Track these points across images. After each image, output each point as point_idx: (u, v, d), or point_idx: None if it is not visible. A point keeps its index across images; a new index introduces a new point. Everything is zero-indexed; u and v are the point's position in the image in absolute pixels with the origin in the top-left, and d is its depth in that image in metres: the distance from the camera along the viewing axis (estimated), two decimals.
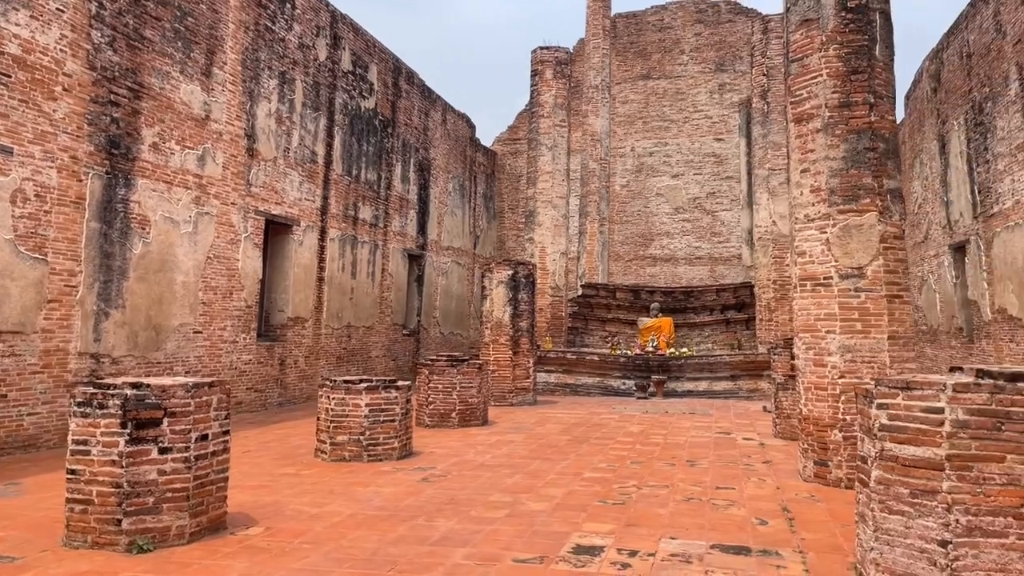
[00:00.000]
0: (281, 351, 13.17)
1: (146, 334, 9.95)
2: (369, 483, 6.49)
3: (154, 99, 10.07)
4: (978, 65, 13.58)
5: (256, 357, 12.39)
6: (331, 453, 7.59)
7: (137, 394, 4.58)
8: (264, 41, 12.51)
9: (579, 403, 13.54)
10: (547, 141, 16.13)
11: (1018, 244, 12.29)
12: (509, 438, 9.17)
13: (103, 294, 9.21)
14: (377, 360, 16.89)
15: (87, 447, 4.55)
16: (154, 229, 10.07)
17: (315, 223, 14.21)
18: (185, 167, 10.67)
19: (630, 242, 25.00)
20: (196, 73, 10.89)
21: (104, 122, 9.23)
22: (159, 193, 10.17)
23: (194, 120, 10.85)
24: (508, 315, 13.14)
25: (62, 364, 8.62)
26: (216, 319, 11.37)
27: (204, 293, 11.10)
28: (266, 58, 12.57)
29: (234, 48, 11.74)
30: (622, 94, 25.17)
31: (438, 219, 20.58)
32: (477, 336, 24.12)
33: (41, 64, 8.33)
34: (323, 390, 7.83)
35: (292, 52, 13.37)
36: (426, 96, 19.74)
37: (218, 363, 11.42)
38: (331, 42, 14.76)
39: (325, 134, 14.57)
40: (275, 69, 12.85)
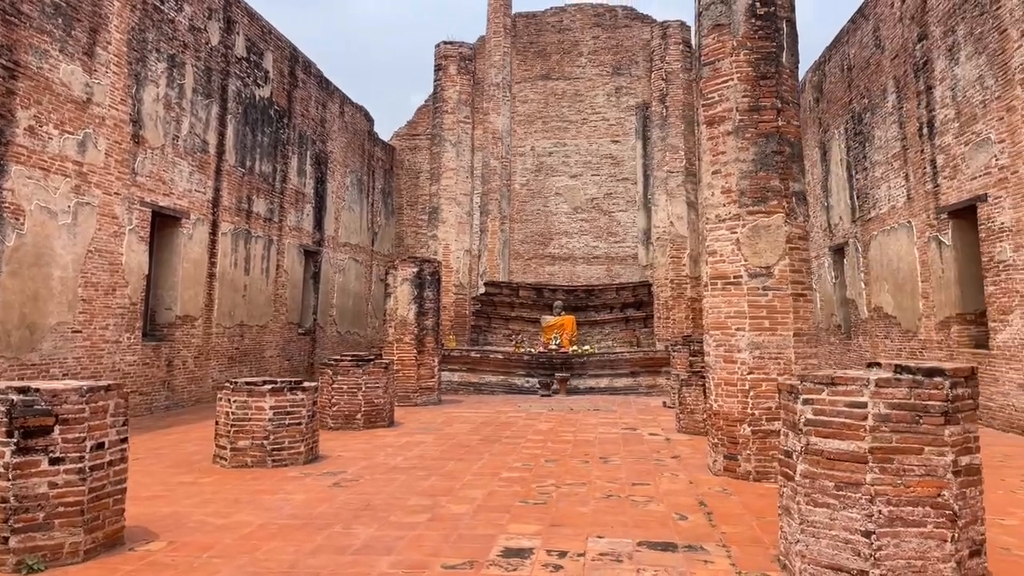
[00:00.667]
0: (168, 351, 12.41)
1: (19, 333, 9.12)
2: (276, 490, 6.17)
3: (31, 79, 9.24)
4: (858, 78, 14.46)
5: (141, 358, 11.61)
6: (232, 459, 7.18)
7: (24, 400, 4.14)
8: (152, 21, 11.74)
9: (484, 402, 13.47)
10: (451, 137, 15.96)
11: (893, 247, 13.17)
12: (419, 439, 8.98)
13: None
14: (271, 360, 16.23)
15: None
16: (29, 220, 9.24)
17: (206, 216, 13.48)
18: (64, 153, 9.85)
19: (530, 241, 25.19)
20: (77, 53, 10.07)
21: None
22: (35, 180, 9.34)
23: (74, 103, 10.04)
24: (413, 313, 12.91)
25: None
26: (97, 317, 10.57)
27: (84, 289, 10.29)
28: (154, 39, 11.80)
29: (119, 27, 10.94)
30: (522, 93, 25.33)
31: (335, 214, 20.02)
32: (375, 335, 23.66)
33: None
34: (223, 392, 7.39)
35: (182, 34, 12.62)
36: (324, 87, 19.15)
37: (99, 365, 10.62)
38: (224, 26, 14.04)
39: (217, 122, 13.85)
40: (164, 52, 12.08)
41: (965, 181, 10.38)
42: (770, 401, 6.37)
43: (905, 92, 12.35)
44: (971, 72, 10.09)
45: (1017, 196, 9.09)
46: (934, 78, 11.24)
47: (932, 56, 11.27)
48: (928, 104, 11.48)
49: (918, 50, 11.78)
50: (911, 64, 12.07)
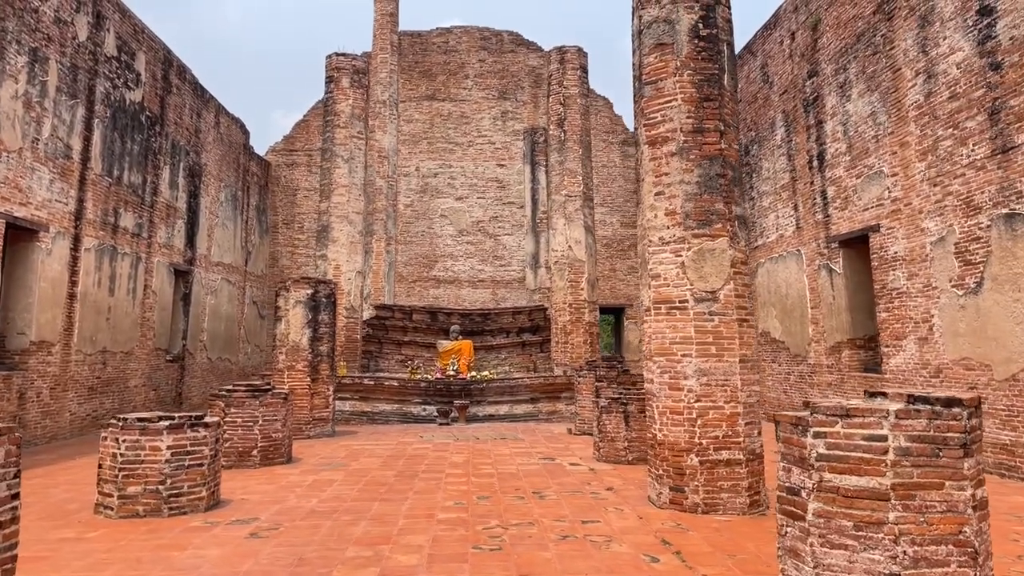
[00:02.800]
0: (21, 382, 10.87)
1: None
2: (184, 545, 5.32)
3: None
4: (745, 111, 15.08)
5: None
6: (120, 508, 6.19)
7: None
8: (13, 9, 10.38)
9: (381, 432, 12.74)
10: (343, 153, 15.21)
11: (781, 274, 13.71)
12: (327, 477, 8.23)
13: None
14: (136, 391, 14.69)
15: None
16: None
17: (67, 229, 12.03)
18: None
19: (414, 263, 24.57)
20: None
21: None
22: None
23: None
24: (307, 338, 12.03)
25: None
26: None
27: None
28: (14, 29, 10.43)
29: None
30: (407, 113, 24.81)
31: (208, 231, 18.62)
32: (247, 362, 22.15)
33: None
34: (109, 431, 6.39)
35: (47, 27, 11.26)
36: (199, 95, 17.84)
37: None
38: (93, 21, 12.70)
39: (83, 126, 12.45)
40: (25, 44, 10.70)
41: (857, 212, 10.92)
42: (717, 430, 6.23)
43: (794, 126, 12.95)
44: (863, 108, 10.66)
45: (910, 227, 9.62)
46: (825, 113, 11.82)
47: (823, 92, 11.87)
48: (819, 138, 12.06)
49: (808, 86, 12.38)
50: (800, 99, 12.67)
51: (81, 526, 5.90)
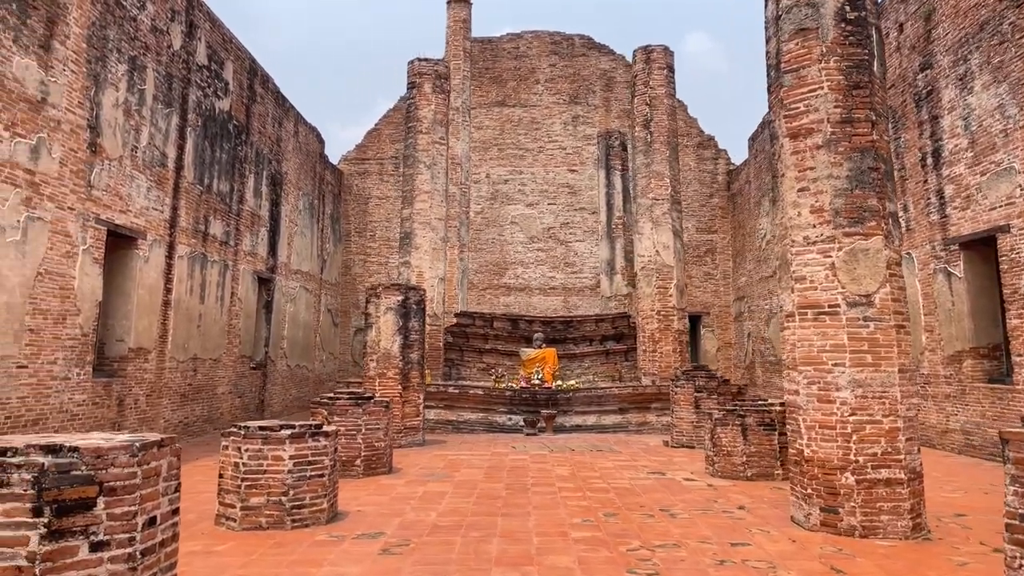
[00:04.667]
0: (120, 389, 10.93)
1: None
2: (319, 561, 5.08)
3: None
4: None
5: (91, 397, 10.13)
6: (243, 520, 6.00)
7: (58, 463, 3.02)
8: (114, 17, 10.48)
9: (470, 442, 12.46)
10: (426, 159, 15.07)
11: None
12: (435, 489, 7.95)
13: None
14: (223, 398, 14.76)
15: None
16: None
17: (162, 237, 12.12)
18: (15, 159, 8.49)
19: (485, 270, 24.38)
20: (33, 45, 8.76)
21: None
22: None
23: (28, 102, 8.70)
24: (397, 346, 11.84)
25: None
26: (45, 350, 9.11)
27: (32, 318, 8.85)
28: (115, 38, 10.53)
29: (79, 21, 9.66)
30: (477, 119, 24.67)
31: (288, 239, 18.73)
32: (322, 369, 22.24)
33: None
34: (230, 439, 6.22)
35: (144, 35, 11.37)
36: (280, 104, 17.98)
37: (45, 405, 9.14)
38: (186, 30, 12.82)
39: (177, 135, 12.55)
40: (125, 52, 10.81)
41: (982, 212, 10.22)
42: (875, 446, 5.73)
43: (903, 122, 12.26)
44: (988, 101, 9.98)
45: None
46: (941, 107, 11.14)
47: (938, 85, 11.19)
48: (933, 134, 11.37)
49: (920, 79, 11.71)
50: (911, 94, 11.99)
51: (206, 538, 5.73)
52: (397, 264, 16.79)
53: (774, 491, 7.84)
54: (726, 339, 23.07)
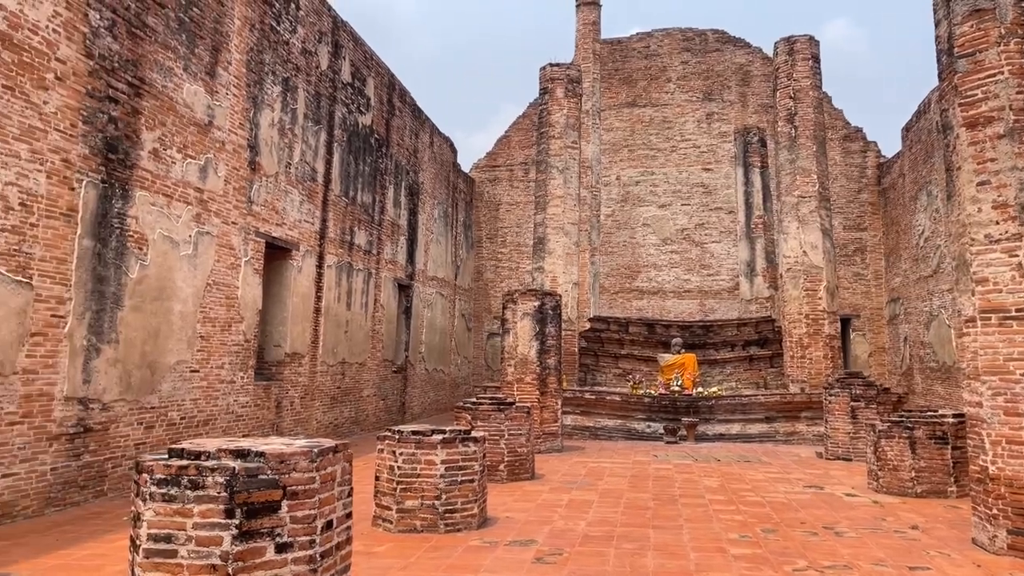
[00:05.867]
0: (278, 392, 11.59)
1: (140, 374, 8.34)
2: (475, 567, 5.13)
3: (156, 98, 8.60)
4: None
5: (253, 399, 10.80)
6: (398, 522, 6.18)
7: (248, 467, 3.19)
8: (269, 42, 11.15)
9: (609, 449, 12.31)
10: (558, 163, 15.08)
11: None
12: (580, 497, 7.88)
13: (94, 326, 7.61)
14: (368, 400, 15.37)
15: (172, 545, 3.12)
16: (152, 250, 8.53)
17: (313, 248, 12.76)
18: (186, 179, 9.18)
19: (616, 274, 24.11)
20: (200, 72, 9.45)
21: (101, 121, 7.72)
22: (158, 208, 8.64)
23: (197, 126, 9.39)
24: (535, 351, 11.88)
25: (45, 412, 6.98)
26: (214, 355, 9.79)
27: (202, 325, 9.53)
28: (270, 61, 11.20)
29: (239, 47, 10.34)
30: (607, 121, 24.44)
31: (425, 247, 19.28)
32: (457, 373, 22.73)
33: (30, 44, 6.84)
34: (385, 443, 6.42)
35: (295, 57, 12.02)
36: (416, 116, 18.55)
37: (214, 407, 9.82)
38: (332, 50, 13.47)
39: (325, 150, 13.20)
40: (279, 75, 11.47)
41: None
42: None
43: None
44: None
45: None
46: None
47: None
48: None
49: None
50: None
51: (364, 539, 5.92)
52: (530, 269, 16.90)
53: (949, 510, 7.22)
54: (879, 343, 21.64)
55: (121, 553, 5.28)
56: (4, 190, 6.54)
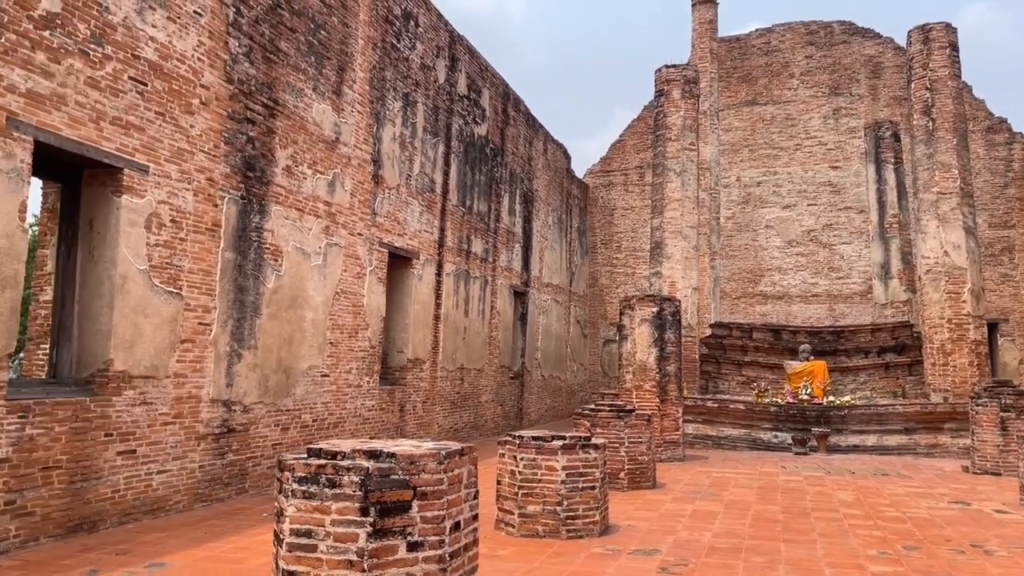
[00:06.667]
0: (401, 396, 11.96)
1: (276, 378, 8.83)
2: (598, 574, 5.09)
3: (288, 118, 9.10)
4: None
5: (379, 403, 11.20)
6: (520, 527, 6.23)
7: (380, 467, 3.31)
8: (390, 60, 11.57)
9: (733, 459, 11.92)
10: (675, 166, 14.80)
11: None
12: (704, 507, 7.67)
13: (236, 333, 8.12)
14: (486, 406, 15.61)
15: (312, 541, 3.28)
16: (286, 261, 9.02)
17: (432, 257, 13.10)
18: (316, 193, 9.65)
19: (737, 278, 23.32)
20: (327, 91, 9.93)
21: (240, 141, 8.25)
22: (291, 221, 9.14)
23: (325, 142, 9.86)
24: (654, 358, 11.69)
25: (194, 413, 7.51)
26: (342, 361, 10.23)
27: (331, 332, 9.98)
28: (391, 78, 11.62)
29: (363, 66, 10.79)
30: (726, 121, 23.75)
31: (539, 254, 19.39)
32: (573, 379, 22.69)
33: (178, 73, 7.40)
34: (506, 447, 6.50)
35: (415, 73, 12.41)
36: (530, 124, 18.71)
37: (343, 410, 10.26)
38: (449, 64, 13.81)
39: (443, 161, 13.53)
40: (399, 90, 11.88)
41: None
42: None
43: None
44: None
45: None
46: None
47: None
48: None
49: None
50: None
51: (488, 542, 5.99)
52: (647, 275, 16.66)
53: None
54: None
55: (262, 547, 5.59)
56: (157, 208, 7.09)
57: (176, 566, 5.17)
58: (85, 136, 6.27)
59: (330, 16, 9.97)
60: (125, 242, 6.68)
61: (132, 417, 6.77)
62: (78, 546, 5.65)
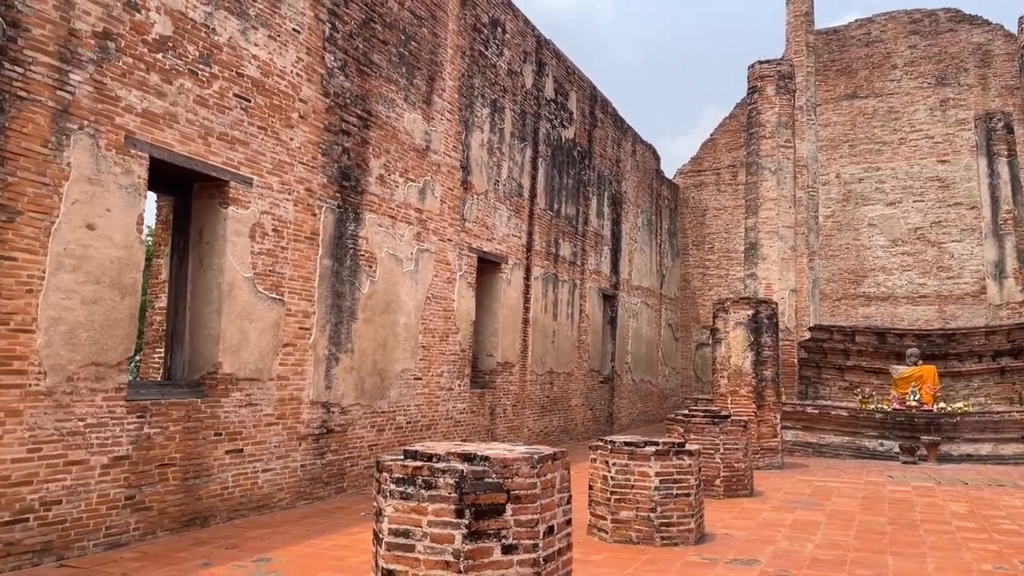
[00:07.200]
0: (491, 399, 12.08)
1: (372, 380, 9.08)
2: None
3: (380, 128, 9.35)
4: None
5: (469, 406, 11.35)
6: (613, 532, 6.18)
7: (474, 470, 3.35)
8: (478, 67, 11.72)
9: (835, 468, 11.45)
10: (770, 164, 14.37)
11: None
12: (805, 517, 7.41)
13: (334, 337, 8.41)
14: (576, 410, 15.56)
15: (410, 540, 3.35)
16: (380, 267, 9.26)
17: (521, 261, 13.17)
18: (407, 201, 9.88)
19: (838, 279, 22.44)
20: (418, 101, 10.15)
21: (336, 152, 8.54)
22: (384, 228, 9.38)
23: (415, 151, 10.08)
24: (749, 362, 11.37)
25: (295, 414, 7.81)
26: (434, 364, 10.42)
27: (423, 336, 10.18)
28: (480, 85, 11.76)
29: (452, 75, 10.98)
30: (823, 116, 22.90)
31: (629, 256, 19.18)
32: (665, 384, 22.32)
33: (278, 88, 7.72)
34: (597, 452, 6.46)
35: (502, 79, 12.52)
36: (618, 126, 18.56)
37: (435, 412, 10.44)
38: (536, 68, 13.87)
39: (530, 166, 13.59)
40: (487, 97, 12.01)
41: None
42: None
43: None
44: None
45: None
46: None
47: None
48: None
49: None
50: None
51: (580, 547, 5.93)
52: (742, 276, 16.24)
53: None
54: None
55: (361, 545, 5.75)
56: (260, 218, 7.42)
57: (281, 561, 5.38)
58: (194, 151, 6.63)
59: (420, 27, 10.19)
60: (231, 251, 7.02)
61: (239, 417, 7.11)
62: (191, 540, 5.97)
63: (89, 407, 5.66)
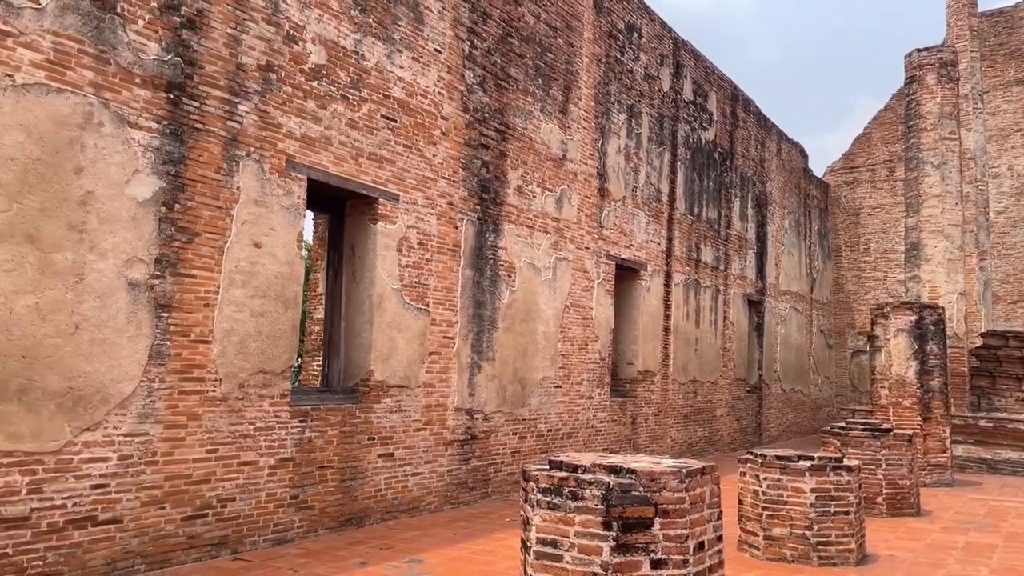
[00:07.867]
0: (632, 408, 11.92)
1: (512, 388, 9.21)
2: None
3: (518, 140, 9.50)
4: None
5: (610, 415, 11.26)
6: (765, 550, 5.92)
7: (621, 483, 3.33)
8: (614, 74, 11.66)
9: (1012, 486, 10.44)
10: (932, 159, 13.33)
11: None
12: (980, 539, 6.79)
13: (476, 346, 8.61)
14: (721, 420, 15.06)
15: (558, 550, 3.37)
16: (519, 277, 9.40)
17: (660, 267, 12.94)
18: (545, 210, 9.97)
19: (1013, 280, 20.47)
20: (554, 111, 10.23)
21: (475, 166, 8.76)
22: (522, 239, 9.51)
23: (552, 160, 10.16)
24: (913, 372, 10.58)
25: (441, 420, 8.06)
26: (573, 372, 10.43)
27: (562, 344, 10.22)
28: (615, 91, 11.69)
29: (587, 83, 10.98)
30: (992, 104, 21.00)
31: (775, 260, 18.37)
32: (818, 394, 21.16)
33: (422, 107, 8.02)
34: (748, 466, 6.23)
35: (638, 84, 12.39)
36: (762, 125, 17.86)
37: (576, 421, 10.44)
38: (673, 71, 13.61)
39: (669, 170, 13.34)
40: (623, 103, 11.92)
41: None
42: None
43: None
44: None
45: None
46: None
47: None
48: None
49: None
50: None
51: (731, 563, 5.71)
52: (903, 279, 15.15)
53: None
54: None
55: (506, 551, 5.85)
56: (407, 232, 7.74)
57: (432, 563, 5.57)
58: (347, 171, 7.02)
59: (556, 38, 10.28)
60: (381, 264, 7.36)
61: (390, 423, 7.43)
62: (348, 539, 6.30)
63: (258, 412, 6.11)
